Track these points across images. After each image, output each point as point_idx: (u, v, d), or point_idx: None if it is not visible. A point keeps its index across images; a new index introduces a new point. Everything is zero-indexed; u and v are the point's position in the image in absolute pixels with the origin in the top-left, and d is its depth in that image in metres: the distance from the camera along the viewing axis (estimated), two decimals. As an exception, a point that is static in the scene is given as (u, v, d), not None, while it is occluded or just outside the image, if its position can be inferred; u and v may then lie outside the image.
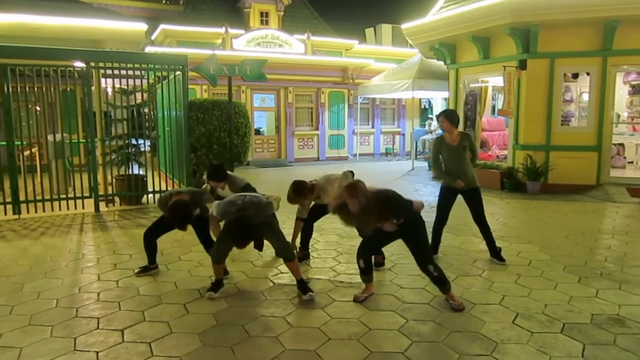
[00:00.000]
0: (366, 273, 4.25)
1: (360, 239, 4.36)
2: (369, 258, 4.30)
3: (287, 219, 7.45)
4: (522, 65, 10.08)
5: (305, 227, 5.40)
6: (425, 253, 4.11)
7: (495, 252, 5.34)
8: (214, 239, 4.58)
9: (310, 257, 5.47)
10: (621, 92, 12.00)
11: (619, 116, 11.91)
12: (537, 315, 3.86)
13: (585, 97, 10.84)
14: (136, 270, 4.99)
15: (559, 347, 3.34)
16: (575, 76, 11.55)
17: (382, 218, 3.93)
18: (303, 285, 4.34)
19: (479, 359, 3.20)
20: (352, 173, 5.17)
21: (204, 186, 5.34)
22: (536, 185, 9.85)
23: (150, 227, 5.02)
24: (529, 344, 3.38)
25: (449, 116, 5.35)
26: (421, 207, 4.14)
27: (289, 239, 4.73)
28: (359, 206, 3.77)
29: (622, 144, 11.54)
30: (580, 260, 5.37)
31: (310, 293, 4.25)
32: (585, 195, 9.44)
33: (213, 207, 4.34)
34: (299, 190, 5.00)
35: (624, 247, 5.90)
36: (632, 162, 11.53)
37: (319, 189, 5.07)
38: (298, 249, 5.45)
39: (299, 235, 5.43)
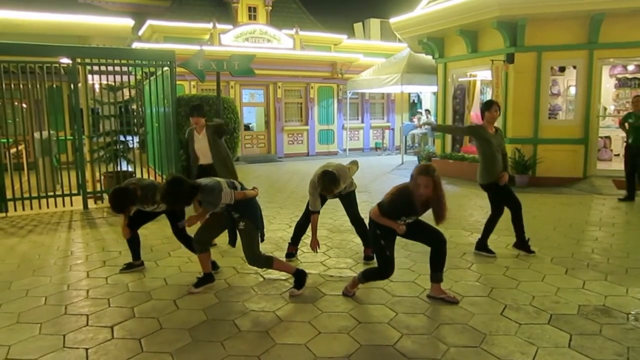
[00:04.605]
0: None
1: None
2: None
3: (276, 215, 7.45)
4: (510, 59, 10.12)
5: (303, 222, 5.32)
6: (438, 231, 4.04)
7: (482, 245, 5.39)
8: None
9: (299, 252, 5.45)
10: (607, 85, 12.09)
11: (605, 109, 12.02)
12: (525, 307, 3.90)
13: (572, 90, 10.92)
14: (120, 268, 4.96)
15: (546, 337, 3.38)
16: (562, 69, 11.62)
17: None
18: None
19: (468, 350, 3.23)
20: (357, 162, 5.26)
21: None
22: (524, 178, 9.93)
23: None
24: (517, 335, 3.42)
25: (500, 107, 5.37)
26: None
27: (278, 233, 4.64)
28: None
29: (608, 137, 11.64)
30: (568, 252, 5.43)
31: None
32: (572, 188, 9.53)
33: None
34: (335, 182, 4.61)
35: (610, 239, 5.97)
36: (618, 155, 11.63)
37: (342, 177, 4.78)
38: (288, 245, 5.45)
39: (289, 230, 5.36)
